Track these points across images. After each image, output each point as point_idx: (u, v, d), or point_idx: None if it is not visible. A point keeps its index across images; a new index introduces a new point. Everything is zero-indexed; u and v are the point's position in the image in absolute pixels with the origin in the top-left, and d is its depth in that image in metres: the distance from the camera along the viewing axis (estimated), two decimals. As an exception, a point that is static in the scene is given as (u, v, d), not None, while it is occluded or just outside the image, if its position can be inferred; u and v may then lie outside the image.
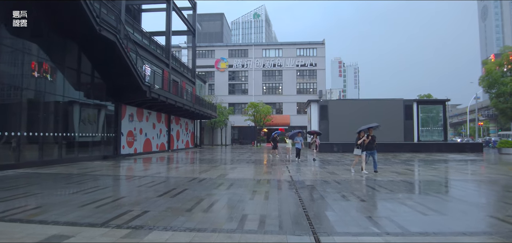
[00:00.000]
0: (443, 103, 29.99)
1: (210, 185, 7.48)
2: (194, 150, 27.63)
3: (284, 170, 11.03)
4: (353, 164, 10.41)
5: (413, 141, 27.50)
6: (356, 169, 10.28)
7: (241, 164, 13.28)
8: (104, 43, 12.77)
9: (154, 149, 21.46)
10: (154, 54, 22.04)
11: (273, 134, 17.43)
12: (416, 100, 29.62)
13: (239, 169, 11.26)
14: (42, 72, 11.54)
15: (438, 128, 29.61)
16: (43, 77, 11.62)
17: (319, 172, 10.38)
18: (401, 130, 27.56)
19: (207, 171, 10.44)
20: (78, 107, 14.00)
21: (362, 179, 8.55)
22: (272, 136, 17.52)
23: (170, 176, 9.17)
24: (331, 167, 11.93)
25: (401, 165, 12.77)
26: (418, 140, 27.89)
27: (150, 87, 16.37)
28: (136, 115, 18.84)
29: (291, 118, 45.02)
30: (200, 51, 48.45)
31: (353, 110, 26.96)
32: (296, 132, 15.41)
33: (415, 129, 28.29)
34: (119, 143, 16.70)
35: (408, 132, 27.80)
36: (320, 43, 46.72)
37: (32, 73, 11.13)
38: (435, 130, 29.57)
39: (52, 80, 12.13)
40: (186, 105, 23.07)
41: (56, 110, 12.60)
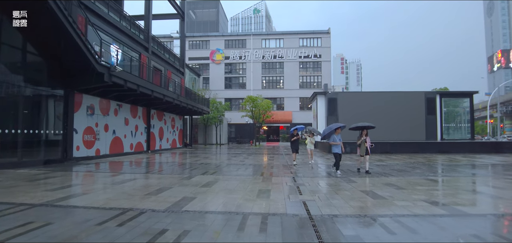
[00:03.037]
0: (470, 95, 25.87)
1: (136, 236, 3.46)
2: (182, 150, 23.58)
3: (310, 198, 6.96)
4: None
5: (436, 139, 23.57)
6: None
7: (229, 174, 9.26)
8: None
9: (127, 150, 17.44)
10: (133, 37, 18.06)
11: (292, 130, 12.35)
12: (439, 93, 25.58)
13: (221, 185, 7.23)
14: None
15: (464, 124, 25.71)
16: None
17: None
18: (422, 127, 23.62)
19: (162, 191, 6.41)
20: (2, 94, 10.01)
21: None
22: (291, 133, 12.35)
23: (70, 206, 5.13)
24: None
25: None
26: (441, 138, 23.92)
27: (109, 69, 12.33)
28: (99, 107, 14.81)
29: (293, 114, 40.96)
30: (194, 42, 44.36)
31: (367, 104, 22.96)
32: (334, 127, 9.41)
33: (438, 125, 24.32)
34: (71, 143, 12.67)
35: (431, 129, 23.84)
36: (325, 32, 42.57)
37: None
38: (461, 126, 25.68)
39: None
40: (168, 97, 19.03)
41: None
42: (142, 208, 4.71)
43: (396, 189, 6.65)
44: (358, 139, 9.41)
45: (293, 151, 12.12)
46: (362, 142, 9.31)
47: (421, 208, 4.92)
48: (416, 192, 6.34)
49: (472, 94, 26.27)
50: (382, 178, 8.40)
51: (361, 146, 9.35)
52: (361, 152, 9.40)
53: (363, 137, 9.31)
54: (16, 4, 9.24)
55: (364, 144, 9.29)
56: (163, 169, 10.87)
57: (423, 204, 5.19)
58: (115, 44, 15.88)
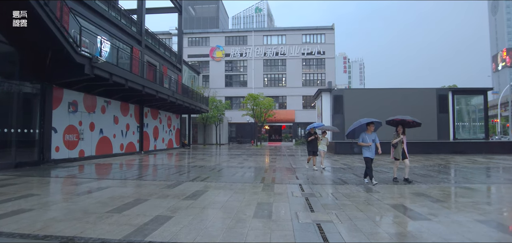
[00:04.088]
0: (484, 92, 24.35)
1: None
2: (178, 151, 22.20)
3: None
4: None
5: (449, 139, 22.11)
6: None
7: (223, 180, 7.84)
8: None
9: (117, 151, 16.05)
10: (123, 29, 16.75)
11: (309, 128, 10.37)
12: (452, 90, 24.08)
13: (210, 197, 5.83)
14: None
15: (477, 123, 24.23)
16: None
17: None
18: (434, 126, 22.15)
19: (131, 205, 5.00)
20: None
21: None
22: (308, 131, 10.43)
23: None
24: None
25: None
26: (453, 137, 22.44)
27: (91, 60, 10.94)
28: (84, 104, 13.44)
29: (296, 113, 39.48)
30: (193, 39, 42.99)
31: (375, 102, 21.49)
32: (365, 122, 7.18)
33: (451, 124, 22.84)
34: (48, 143, 11.29)
35: (443, 128, 22.38)
36: (328, 28, 41.03)
37: None
38: (474, 125, 24.19)
39: None
40: (162, 93, 17.64)
41: None
42: (89, 238, 3.30)
43: (432, 202, 5.20)
44: (394, 137, 7.28)
45: (309, 153, 10.03)
46: (398, 142, 7.18)
47: (484, 235, 3.49)
48: (460, 206, 4.89)
49: (486, 91, 24.73)
50: (408, 184, 6.95)
51: (397, 147, 7.22)
52: (396, 155, 7.25)
53: (399, 135, 7.19)
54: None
55: (401, 145, 7.19)
56: (148, 173, 9.46)
57: (482, 228, 3.75)
58: (103, 35, 14.52)
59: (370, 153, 6.99)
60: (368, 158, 7.01)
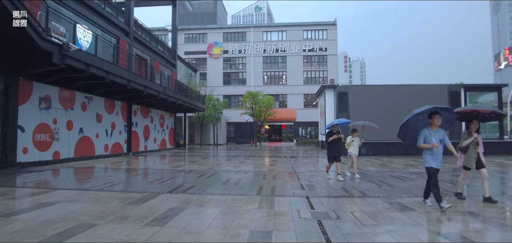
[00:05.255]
0: (499, 89, 22.85)
1: None
2: (171, 152, 20.66)
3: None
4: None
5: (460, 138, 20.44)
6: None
7: (209, 191, 6.30)
8: None
9: (101, 152, 14.51)
10: (108, 18, 15.24)
11: (330, 125, 7.93)
12: (464, 86, 22.51)
13: (185, 219, 4.34)
14: None
15: (490, 122, 22.72)
16: None
17: None
18: (446, 125, 20.51)
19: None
20: None
21: None
22: (330, 130, 7.91)
23: None
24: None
25: None
26: (466, 137, 20.81)
27: (62, 47, 9.39)
28: (59, 99, 11.89)
29: (297, 112, 37.92)
30: (190, 35, 41.42)
31: (382, 99, 19.96)
32: (427, 112, 4.76)
33: (464, 122, 21.22)
34: (13, 144, 9.75)
35: (455, 127, 20.78)
36: (330, 23, 39.47)
37: None
38: (488, 124, 22.69)
39: None
40: (151, 89, 16.09)
41: None
42: None
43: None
44: (464, 137, 5.10)
45: (329, 159, 7.77)
46: (471, 143, 5.01)
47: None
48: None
49: (501, 87, 23.21)
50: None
51: (469, 150, 5.03)
52: (466, 163, 5.09)
53: (473, 133, 5.01)
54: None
55: (475, 148, 5.01)
56: (122, 181, 7.90)
57: None
58: (83, 24, 12.99)
59: (435, 161, 4.68)
60: (433, 168, 4.66)
